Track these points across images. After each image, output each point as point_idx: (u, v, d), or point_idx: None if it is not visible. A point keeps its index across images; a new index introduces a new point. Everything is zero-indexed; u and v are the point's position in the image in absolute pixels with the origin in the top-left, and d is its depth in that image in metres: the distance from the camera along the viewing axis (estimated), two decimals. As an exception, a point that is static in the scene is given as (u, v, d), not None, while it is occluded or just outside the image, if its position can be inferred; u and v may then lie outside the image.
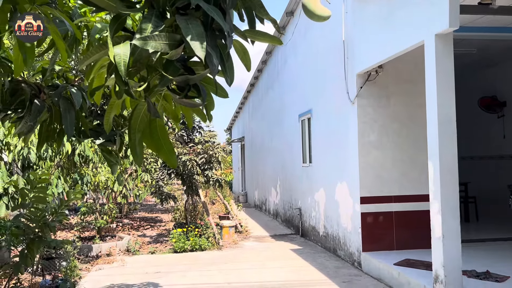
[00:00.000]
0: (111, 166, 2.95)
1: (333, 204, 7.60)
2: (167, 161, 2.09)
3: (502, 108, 9.74)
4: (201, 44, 1.54)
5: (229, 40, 1.74)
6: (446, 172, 4.39)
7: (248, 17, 2.00)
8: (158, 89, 1.86)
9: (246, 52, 2.04)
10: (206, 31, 1.72)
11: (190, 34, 1.54)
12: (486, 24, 6.47)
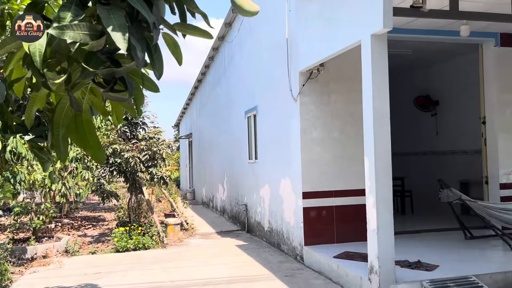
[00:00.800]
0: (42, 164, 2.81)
1: (278, 200, 7.71)
2: (94, 157, 2.02)
3: (435, 107, 10.32)
4: (123, 36, 1.49)
5: (155, 32, 1.70)
6: (381, 167, 4.58)
7: (179, 11, 1.97)
8: (81, 82, 1.79)
9: (177, 45, 2.01)
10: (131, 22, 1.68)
11: (112, 24, 1.49)
12: (420, 27, 6.82)
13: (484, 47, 7.49)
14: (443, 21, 6.50)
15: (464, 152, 9.58)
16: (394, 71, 11.19)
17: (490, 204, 6.24)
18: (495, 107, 7.29)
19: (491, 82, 7.38)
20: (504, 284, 4.85)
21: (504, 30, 7.23)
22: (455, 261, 5.42)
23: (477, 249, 6.08)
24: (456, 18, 4.91)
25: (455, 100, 9.88)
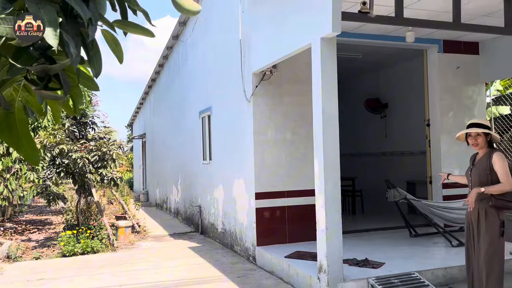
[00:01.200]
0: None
1: (231, 201, 7.70)
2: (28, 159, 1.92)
3: (384, 110, 10.69)
4: (53, 31, 1.43)
5: (91, 29, 1.64)
6: (330, 168, 4.68)
7: (120, 8, 1.92)
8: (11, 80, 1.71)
9: (117, 43, 1.95)
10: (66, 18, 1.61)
11: (41, 19, 1.42)
12: (370, 32, 7.04)
13: (428, 52, 7.85)
14: (390, 27, 6.74)
15: (411, 153, 9.98)
16: (346, 74, 11.55)
17: (432, 203, 6.54)
18: (438, 110, 7.64)
19: (435, 86, 7.75)
20: (445, 279, 5.09)
21: (446, 37, 7.61)
22: (400, 258, 5.63)
23: (420, 246, 6.35)
24: (401, 24, 5.11)
25: (402, 103, 10.28)
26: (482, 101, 8.00)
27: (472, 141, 3.96)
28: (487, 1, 5.63)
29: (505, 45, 7.46)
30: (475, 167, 3.98)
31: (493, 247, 3.80)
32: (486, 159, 3.89)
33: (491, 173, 3.82)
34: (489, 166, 3.84)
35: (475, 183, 3.93)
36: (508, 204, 3.77)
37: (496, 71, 7.78)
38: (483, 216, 3.83)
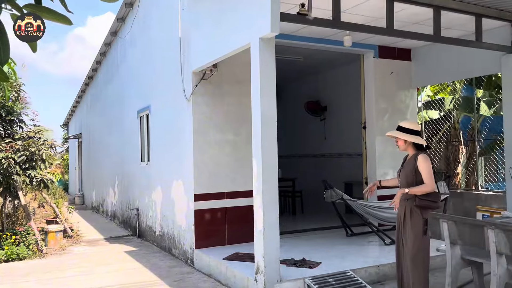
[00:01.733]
0: None
1: (170, 203, 7.49)
2: None
3: (324, 112, 10.95)
4: None
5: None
6: (268, 169, 4.67)
7: (33, -9, 1.76)
8: None
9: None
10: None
11: None
12: (310, 35, 7.15)
13: (365, 57, 8.12)
14: (329, 31, 6.89)
15: (348, 155, 10.29)
16: (287, 77, 11.71)
17: (367, 203, 6.75)
18: (374, 113, 7.93)
19: (370, 90, 8.03)
20: (377, 277, 5.25)
21: (382, 43, 7.92)
22: (336, 258, 5.75)
23: (356, 245, 6.53)
24: (338, 28, 5.22)
25: (341, 106, 10.58)
26: (414, 105, 8.41)
27: (396, 142, 4.15)
28: (418, 10, 5.89)
29: (435, 52, 7.89)
30: (403, 168, 4.14)
31: (417, 245, 3.97)
32: (413, 161, 4.05)
33: (416, 175, 3.99)
34: (414, 168, 4.00)
35: (403, 184, 4.10)
36: (432, 204, 3.95)
37: (426, 77, 8.20)
38: (409, 215, 4.01)
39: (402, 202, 4.08)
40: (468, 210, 7.90)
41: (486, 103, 8.23)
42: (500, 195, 7.46)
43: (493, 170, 8.99)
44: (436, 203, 3.97)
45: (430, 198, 3.94)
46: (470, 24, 6.39)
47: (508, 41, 6.53)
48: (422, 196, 3.92)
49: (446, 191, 7.12)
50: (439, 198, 4.02)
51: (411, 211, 3.99)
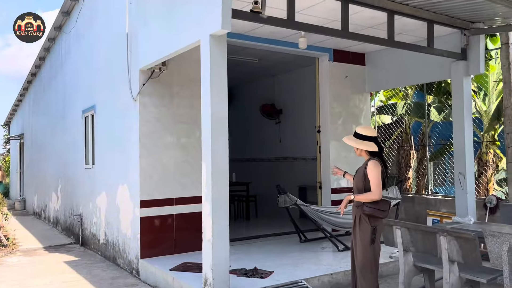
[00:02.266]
0: None
1: (114, 209, 7.03)
2: None
3: (279, 115, 10.81)
4: None
5: None
6: (218, 173, 4.39)
7: None
8: None
9: None
10: None
11: None
12: (265, 35, 6.97)
13: (320, 60, 8.05)
14: (284, 32, 6.73)
15: (303, 158, 10.20)
16: (243, 79, 11.49)
17: (321, 208, 6.62)
18: (328, 117, 7.86)
19: (325, 94, 7.96)
20: (330, 285, 5.10)
21: (337, 47, 7.87)
22: (288, 266, 5.55)
23: (309, 252, 6.37)
24: (292, 27, 5.05)
25: (296, 110, 10.47)
26: (367, 110, 8.42)
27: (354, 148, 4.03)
28: (372, 14, 5.85)
29: (388, 58, 7.94)
30: (356, 173, 4.01)
31: (365, 254, 3.84)
32: (363, 167, 3.94)
33: (365, 181, 3.87)
34: (364, 174, 3.88)
35: (354, 190, 4.00)
36: (379, 212, 3.82)
37: (379, 82, 8.24)
38: (358, 222, 3.89)
39: (354, 209, 3.96)
40: (419, 215, 7.99)
41: (436, 109, 8.39)
42: (449, 200, 7.59)
43: (442, 174, 9.20)
44: (384, 212, 3.85)
45: (378, 206, 3.82)
46: (422, 30, 6.45)
47: (458, 48, 6.64)
48: (369, 204, 3.80)
49: (398, 196, 7.14)
50: (387, 207, 3.90)
51: (360, 219, 3.87)
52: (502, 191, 8.09)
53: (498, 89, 7.58)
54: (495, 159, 7.85)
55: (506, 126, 6.54)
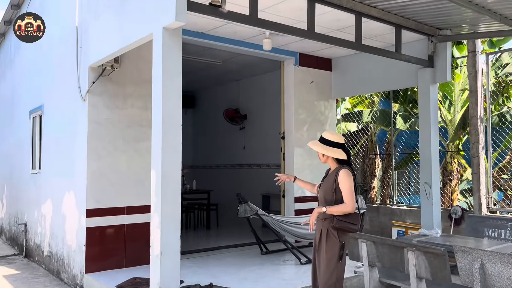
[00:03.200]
0: None
1: (60, 218, 6.43)
2: None
3: (243, 121, 10.45)
4: None
5: None
6: (168, 181, 3.97)
7: None
8: None
9: None
10: None
11: None
12: (228, 35, 6.61)
13: (286, 64, 7.76)
14: (248, 32, 6.40)
15: (267, 166, 9.86)
16: (207, 81, 11.06)
17: (283, 219, 6.28)
18: (293, 123, 7.56)
19: (290, 99, 7.66)
20: (291, 302, 4.74)
21: (303, 51, 7.60)
22: (247, 281, 5.16)
23: (270, 265, 6.00)
24: (254, 24, 4.71)
25: (261, 115, 10.15)
26: (333, 117, 8.19)
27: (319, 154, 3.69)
28: (340, 15, 5.60)
29: (354, 64, 7.75)
30: (323, 183, 3.68)
31: (331, 271, 3.49)
32: (333, 176, 3.59)
33: (336, 192, 3.54)
34: (334, 184, 3.55)
35: (321, 201, 3.64)
36: (351, 226, 3.50)
37: (345, 88, 8.03)
38: (324, 237, 3.54)
39: (319, 222, 3.61)
40: (384, 225, 7.80)
41: (402, 117, 8.26)
42: (414, 210, 7.42)
43: (407, 184, 9.08)
44: (355, 226, 3.52)
45: (350, 219, 3.49)
46: (390, 36, 6.27)
47: (425, 55, 6.50)
48: (340, 217, 3.45)
49: (363, 206, 6.91)
50: (359, 220, 3.59)
51: (327, 233, 3.51)
52: (466, 201, 8.02)
53: (463, 98, 7.51)
54: (459, 169, 7.77)
55: (471, 136, 6.44)
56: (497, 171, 7.32)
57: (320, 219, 3.54)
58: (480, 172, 6.39)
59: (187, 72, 9.98)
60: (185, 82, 4.05)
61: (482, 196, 6.41)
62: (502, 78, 6.81)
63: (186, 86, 11.65)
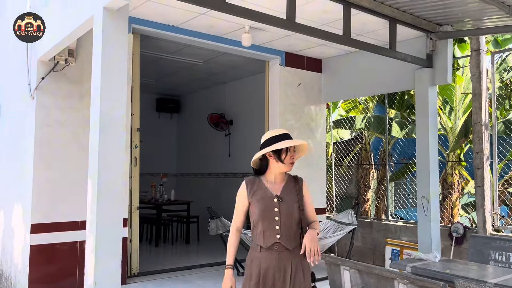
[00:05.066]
0: None
1: (10, 233, 5.68)
2: None
3: (229, 127, 9.74)
4: None
5: None
6: (107, 195, 3.24)
7: None
8: None
9: None
10: None
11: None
12: (203, 29, 5.93)
13: (271, 64, 7.08)
14: (224, 26, 5.75)
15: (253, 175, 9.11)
16: (191, 86, 10.36)
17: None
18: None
19: (275, 103, 6.98)
20: None
21: (289, 50, 6.93)
22: (214, 311, 4.42)
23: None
24: (222, 10, 4.00)
25: (248, 121, 9.43)
26: (323, 123, 7.50)
27: (289, 159, 2.65)
28: (327, 6, 4.93)
29: (345, 65, 7.08)
30: (282, 199, 2.64)
31: None
32: (293, 188, 2.70)
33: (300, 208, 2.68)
34: (299, 197, 2.68)
35: (286, 224, 2.60)
36: None
37: (336, 91, 7.35)
38: (300, 268, 2.63)
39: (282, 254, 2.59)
40: (378, 242, 7.05)
41: (398, 123, 7.55)
42: (410, 226, 6.68)
43: (404, 196, 8.35)
44: None
45: None
46: (384, 32, 5.60)
47: (424, 53, 5.82)
48: None
49: (353, 221, 6.18)
50: None
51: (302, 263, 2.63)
52: (468, 217, 7.28)
53: (466, 103, 6.81)
54: (461, 181, 7.05)
55: (475, 144, 5.72)
56: (503, 183, 6.60)
57: (282, 250, 2.59)
58: (485, 185, 5.67)
59: (168, 74, 9.35)
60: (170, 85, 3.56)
61: (487, 212, 5.68)
62: (510, 80, 6.11)
63: (171, 90, 11.07)
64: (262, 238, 2.60)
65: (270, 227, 2.59)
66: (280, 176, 2.72)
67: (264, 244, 2.59)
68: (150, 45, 6.77)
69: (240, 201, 2.73)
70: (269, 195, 2.65)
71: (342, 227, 6.27)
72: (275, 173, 2.70)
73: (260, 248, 2.61)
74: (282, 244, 2.59)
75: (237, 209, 2.74)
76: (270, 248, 2.59)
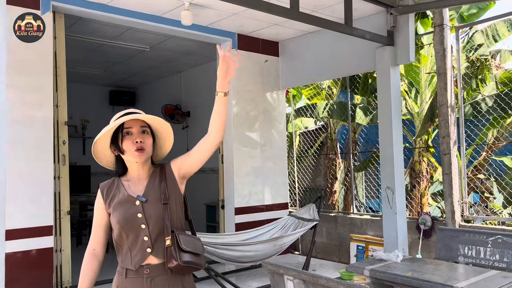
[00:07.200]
0: None
1: None
2: None
3: (186, 119, 9.09)
4: None
5: None
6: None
7: None
8: None
9: None
10: None
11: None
12: (139, 8, 5.26)
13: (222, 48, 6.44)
14: (162, 4, 5.08)
15: (212, 170, 8.50)
16: (147, 76, 9.62)
17: (210, 240, 4.93)
18: (230, 119, 6.25)
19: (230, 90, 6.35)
20: None
21: (241, 31, 6.33)
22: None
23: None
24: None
25: (206, 112, 8.74)
26: (282, 110, 6.94)
27: (131, 145, 1.95)
28: (271, -25, 4.34)
29: (303, 47, 6.53)
30: (146, 200, 1.94)
31: None
32: (158, 180, 2.01)
33: (180, 205, 2.06)
34: (166, 189, 2.00)
35: (161, 231, 1.91)
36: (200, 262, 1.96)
37: (295, 76, 6.79)
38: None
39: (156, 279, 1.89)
40: (343, 238, 6.56)
41: (362, 109, 7.05)
42: (376, 220, 6.21)
43: (376, 185, 7.89)
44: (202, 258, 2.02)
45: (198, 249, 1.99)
46: (341, 7, 5.04)
47: (384, 31, 5.30)
48: (188, 252, 1.91)
49: (315, 217, 5.65)
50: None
51: None
52: (438, 206, 6.86)
53: (432, 86, 6.35)
54: (429, 169, 6.61)
55: (441, 128, 5.26)
56: (472, 170, 6.19)
57: (157, 275, 1.88)
58: (452, 172, 5.21)
59: (116, 63, 8.53)
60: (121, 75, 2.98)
61: (456, 202, 5.23)
62: (476, 57, 5.65)
63: (125, 81, 10.27)
64: (129, 258, 1.92)
65: (137, 239, 1.90)
66: (143, 171, 2.04)
67: (132, 265, 1.90)
68: (84, 28, 6.06)
69: (97, 214, 2.02)
70: (129, 198, 1.96)
71: (303, 224, 5.73)
72: (133, 168, 2.04)
73: (127, 271, 1.92)
74: (156, 263, 1.91)
75: (94, 225, 2.02)
76: (138, 272, 1.90)
